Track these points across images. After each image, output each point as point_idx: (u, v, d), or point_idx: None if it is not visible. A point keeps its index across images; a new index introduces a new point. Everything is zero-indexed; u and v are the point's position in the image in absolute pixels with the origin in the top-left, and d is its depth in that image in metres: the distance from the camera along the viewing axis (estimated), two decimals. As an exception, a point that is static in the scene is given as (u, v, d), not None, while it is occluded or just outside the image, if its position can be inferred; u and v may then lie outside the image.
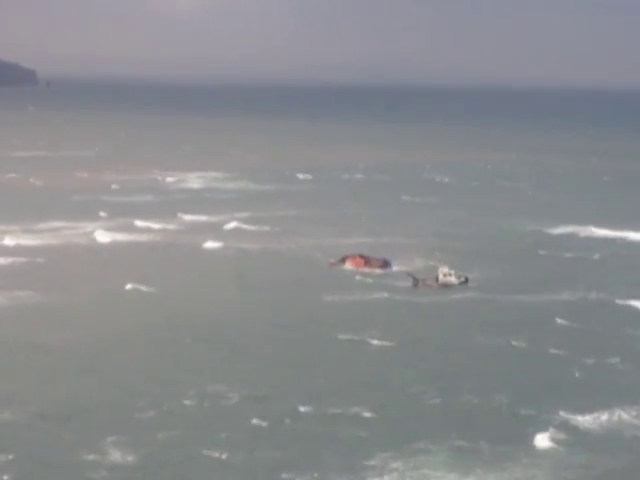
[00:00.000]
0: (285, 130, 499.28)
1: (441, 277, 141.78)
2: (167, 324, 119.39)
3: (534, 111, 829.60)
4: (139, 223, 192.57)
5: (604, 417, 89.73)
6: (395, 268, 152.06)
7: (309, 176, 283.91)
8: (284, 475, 76.62)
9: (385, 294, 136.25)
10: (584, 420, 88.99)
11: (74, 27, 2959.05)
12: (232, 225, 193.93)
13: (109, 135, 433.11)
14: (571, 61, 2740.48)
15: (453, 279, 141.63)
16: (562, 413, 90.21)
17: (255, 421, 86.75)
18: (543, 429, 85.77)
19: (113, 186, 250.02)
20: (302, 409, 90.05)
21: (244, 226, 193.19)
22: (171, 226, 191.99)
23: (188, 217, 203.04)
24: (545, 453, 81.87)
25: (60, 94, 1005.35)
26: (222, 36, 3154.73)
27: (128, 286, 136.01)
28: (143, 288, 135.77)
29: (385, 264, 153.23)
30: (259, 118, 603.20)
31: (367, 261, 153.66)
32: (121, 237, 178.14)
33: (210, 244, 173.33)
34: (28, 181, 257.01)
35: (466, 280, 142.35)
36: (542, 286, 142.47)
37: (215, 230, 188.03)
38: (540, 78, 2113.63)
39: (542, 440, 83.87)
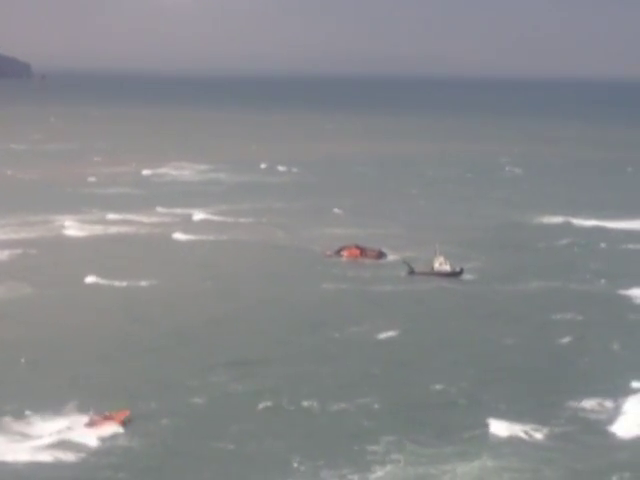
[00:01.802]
0: (276, 123, 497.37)
1: (437, 266, 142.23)
2: (126, 318, 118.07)
3: (529, 102, 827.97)
4: (112, 216, 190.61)
5: (609, 406, 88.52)
6: (390, 258, 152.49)
7: (301, 168, 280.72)
8: (291, 464, 76.10)
9: (382, 284, 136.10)
10: (590, 410, 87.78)
11: (69, 21, 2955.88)
12: (218, 218, 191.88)
13: (94, 128, 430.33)
14: (566, 52, 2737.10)
15: (448, 269, 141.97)
16: (567, 404, 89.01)
17: (256, 414, 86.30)
18: (550, 420, 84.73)
19: (90, 179, 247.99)
20: (303, 400, 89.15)
21: (228, 219, 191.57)
22: (147, 219, 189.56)
23: (166, 210, 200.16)
24: (554, 445, 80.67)
25: (54, 88, 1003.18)
26: (219, 28, 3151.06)
27: (88, 279, 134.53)
28: (104, 281, 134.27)
29: (380, 255, 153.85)
30: (251, 111, 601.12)
31: (363, 251, 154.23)
32: (93, 230, 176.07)
33: (198, 237, 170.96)
34: (7, 174, 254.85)
35: (461, 271, 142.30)
36: (538, 276, 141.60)
37: (200, 223, 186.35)
38: (535, 69, 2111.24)
39: (550, 431, 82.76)
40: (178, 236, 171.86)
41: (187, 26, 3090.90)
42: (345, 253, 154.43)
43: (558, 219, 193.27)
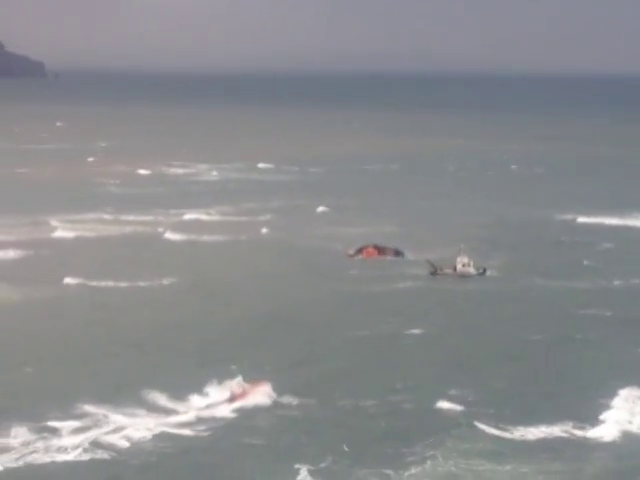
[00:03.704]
0: (280, 120, 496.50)
1: (459, 267, 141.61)
2: (105, 321, 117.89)
3: (545, 98, 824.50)
4: (106, 216, 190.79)
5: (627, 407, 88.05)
6: (410, 258, 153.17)
7: (307, 167, 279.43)
8: (324, 464, 76.01)
9: (406, 283, 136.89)
10: (623, 411, 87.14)
11: (82, 19, 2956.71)
12: (225, 218, 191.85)
13: (99, 128, 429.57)
14: (584, 46, 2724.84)
15: (471, 269, 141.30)
16: (598, 405, 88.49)
17: (288, 413, 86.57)
18: (579, 421, 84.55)
19: (87, 179, 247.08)
20: (333, 400, 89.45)
21: (233, 218, 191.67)
22: (141, 218, 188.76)
23: (162, 210, 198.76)
24: (591, 445, 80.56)
25: (67, 86, 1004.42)
26: (226, 25, 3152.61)
27: (68, 280, 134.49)
28: (87, 283, 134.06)
29: (398, 254, 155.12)
30: (255, 109, 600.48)
31: (381, 251, 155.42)
32: (84, 231, 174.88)
33: (197, 238, 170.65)
34: (5, 172, 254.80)
35: (484, 271, 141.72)
36: (562, 276, 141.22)
37: (201, 223, 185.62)
38: (537, 64, 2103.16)
39: (581, 432, 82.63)
40: (171, 236, 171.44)
41: (199, 24, 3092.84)
42: (363, 253, 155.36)
43: (582, 218, 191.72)
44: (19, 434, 79.62)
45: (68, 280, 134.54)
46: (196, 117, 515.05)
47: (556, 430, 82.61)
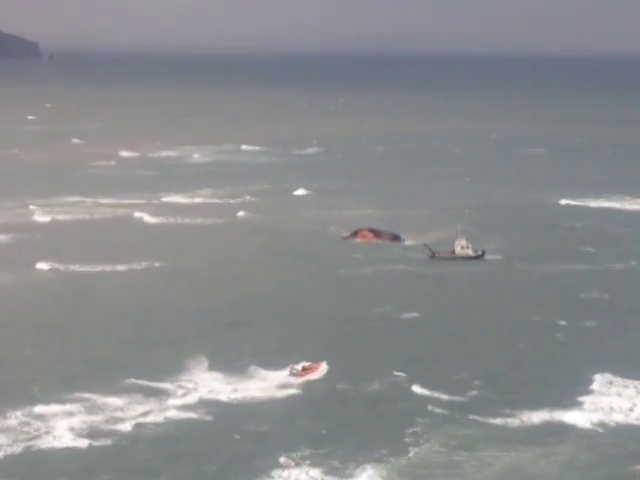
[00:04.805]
0: (267, 102, 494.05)
1: (458, 250, 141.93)
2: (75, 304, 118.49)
3: (543, 79, 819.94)
4: (86, 199, 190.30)
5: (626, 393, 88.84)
6: (408, 242, 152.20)
7: (303, 148, 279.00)
8: (326, 447, 76.68)
9: (404, 266, 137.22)
10: (617, 398, 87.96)
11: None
12: (213, 201, 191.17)
13: (87, 110, 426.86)
14: (585, 27, 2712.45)
15: (470, 252, 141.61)
16: (592, 387, 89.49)
17: (287, 396, 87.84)
18: (570, 405, 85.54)
19: (69, 161, 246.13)
20: (331, 384, 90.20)
21: (218, 201, 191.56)
22: (118, 202, 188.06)
23: (140, 193, 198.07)
24: (580, 432, 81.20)
25: (61, 67, 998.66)
26: (223, 5, 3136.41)
27: (39, 265, 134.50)
28: (58, 267, 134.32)
29: (395, 238, 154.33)
30: (247, 89, 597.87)
31: (377, 234, 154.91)
32: (63, 215, 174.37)
33: (186, 220, 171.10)
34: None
35: (482, 254, 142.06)
36: (559, 258, 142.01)
37: (182, 207, 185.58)
38: (551, 45, 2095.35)
39: (572, 417, 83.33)
40: (150, 219, 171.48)
41: (198, 5, 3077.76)
42: (358, 235, 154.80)
43: (579, 200, 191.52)
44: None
45: (41, 265, 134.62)
46: (185, 99, 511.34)
47: (554, 415, 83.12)
